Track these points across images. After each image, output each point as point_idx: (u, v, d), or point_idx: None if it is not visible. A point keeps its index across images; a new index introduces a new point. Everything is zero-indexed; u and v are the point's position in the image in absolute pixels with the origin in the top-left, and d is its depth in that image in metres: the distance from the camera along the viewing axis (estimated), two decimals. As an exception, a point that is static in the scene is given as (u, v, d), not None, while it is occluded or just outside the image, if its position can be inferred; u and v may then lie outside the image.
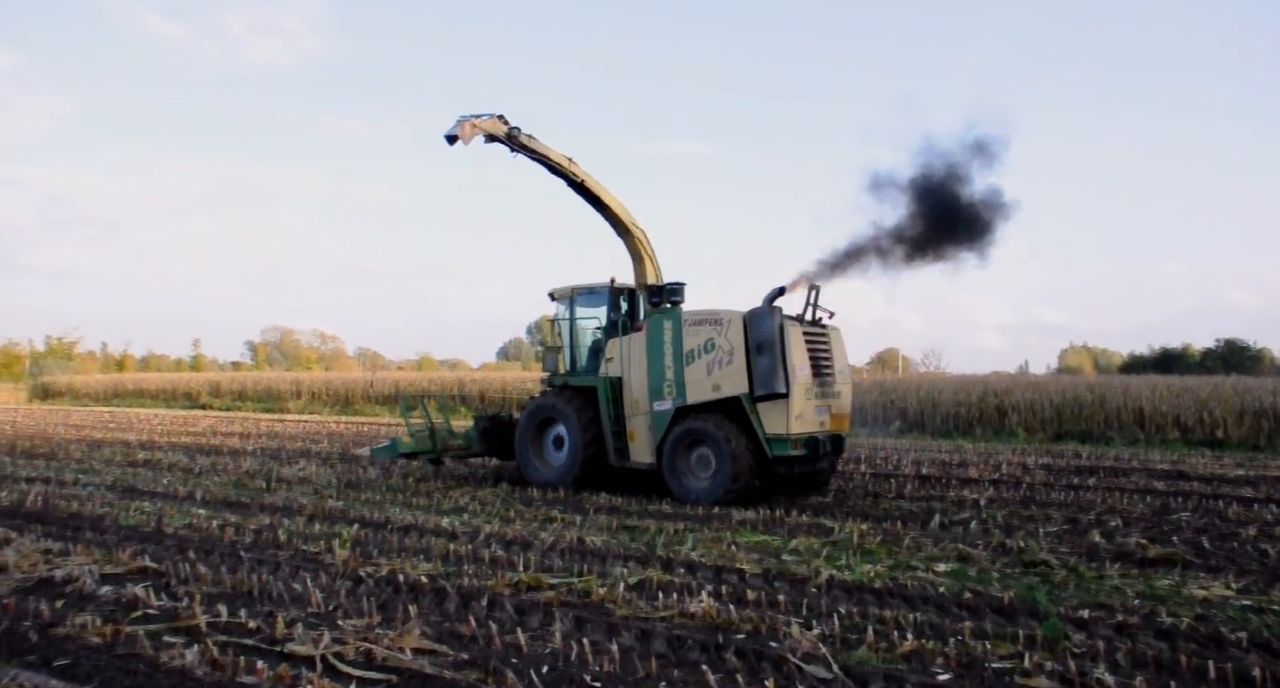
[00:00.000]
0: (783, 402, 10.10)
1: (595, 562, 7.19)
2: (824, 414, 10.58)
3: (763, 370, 10.10)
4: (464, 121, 10.96)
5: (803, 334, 10.38)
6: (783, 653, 4.83)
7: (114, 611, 5.66)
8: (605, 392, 11.40)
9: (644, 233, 12.15)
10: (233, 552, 7.43)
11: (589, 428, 11.45)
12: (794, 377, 10.08)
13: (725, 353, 10.46)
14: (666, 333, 10.95)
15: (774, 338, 10.09)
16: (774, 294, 10.62)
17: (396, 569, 6.66)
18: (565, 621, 5.52)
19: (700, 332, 10.71)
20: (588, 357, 12.29)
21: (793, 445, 10.15)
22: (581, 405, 11.56)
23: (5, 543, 7.65)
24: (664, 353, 10.95)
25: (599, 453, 11.47)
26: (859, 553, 7.63)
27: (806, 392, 10.25)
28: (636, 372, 11.25)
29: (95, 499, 10.26)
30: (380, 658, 4.77)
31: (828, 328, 10.95)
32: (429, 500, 10.50)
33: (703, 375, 10.62)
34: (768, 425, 10.24)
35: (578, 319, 12.47)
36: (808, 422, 10.31)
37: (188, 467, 13.79)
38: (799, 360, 10.19)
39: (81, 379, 49.58)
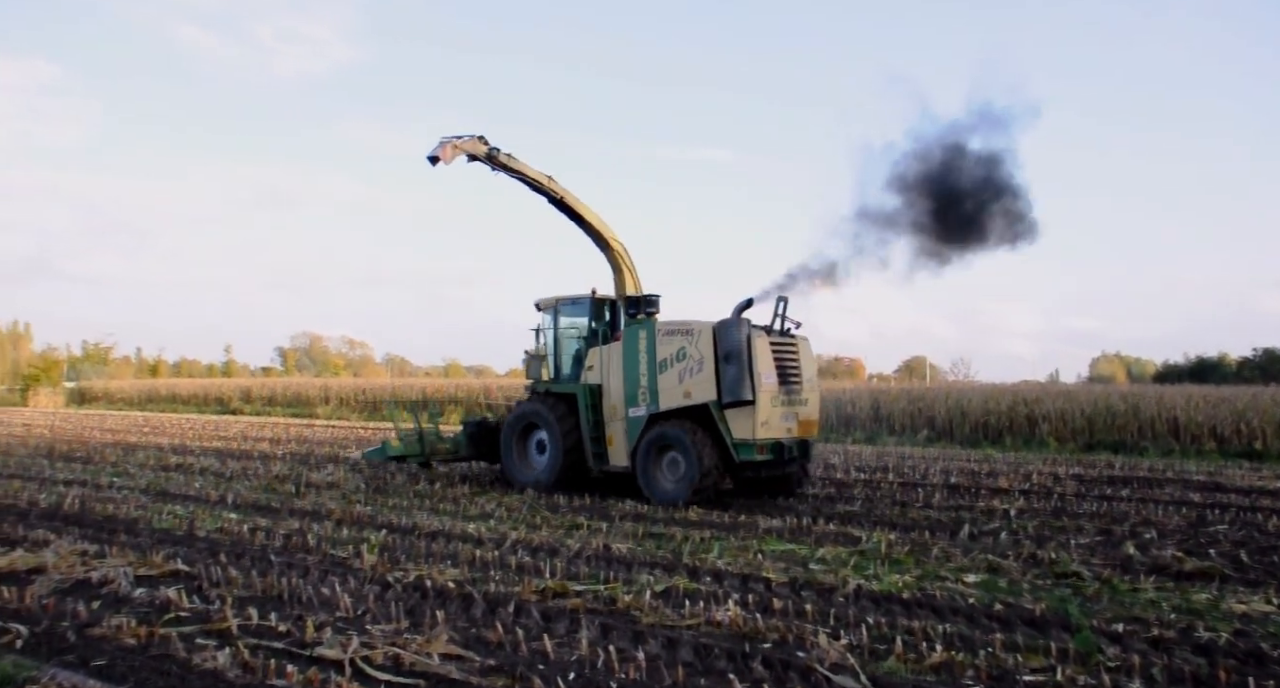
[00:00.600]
0: (749, 408, 10.48)
1: (621, 569, 7.19)
2: (791, 421, 10.91)
3: (730, 379, 10.48)
4: (445, 143, 11.54)
5: (770, 344, 10.74)
6: (810, 663, 4.80)
7: (148, 612, 5.75)
8: (585, 398, 11.82)
9: (623, 246, 12.53)
10: (263, 556, 7.51)
11: (569, 433, 11.85)
12: (760, 385, 10.46)
13: (695, 362, 10.86)
14: (642, 342, 11.35)
15: (741, 348, 10.47)
16: (742, 306, 10.99)
17: (424, 575, 6.69)
18: (591, 628, 5.52)
19: (672, 341, 11.12)
20: (570, 365, 12.67)
21: (758, 451, 10.52)
22: (563, 412, 11.98)
23: (45, 545, 7.80)
24: (639, 361, 11.36)
25: (578, 457, 11.86)
26: (887, 563, 7.56)
27: (773, 399, 10.60)
28: (614, 379, 11.65)
29: (130, 502, 10.42)
30: (408, 663, 4.80)
31: (796, 338, 11.26)
32: (456, 506, 10.56)
33: (675, 383, 11.03)
34: (735, 431, 10.62)
35: (561, 329, 12.89)
36: (774, 428, 10.66)
37: (219, 471, 13.98)
38: (765, 369, 10.56)
39: (117, 384, 50.47)
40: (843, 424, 26.61)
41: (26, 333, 70.75)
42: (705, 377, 10.75)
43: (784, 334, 11.14)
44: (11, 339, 69.74)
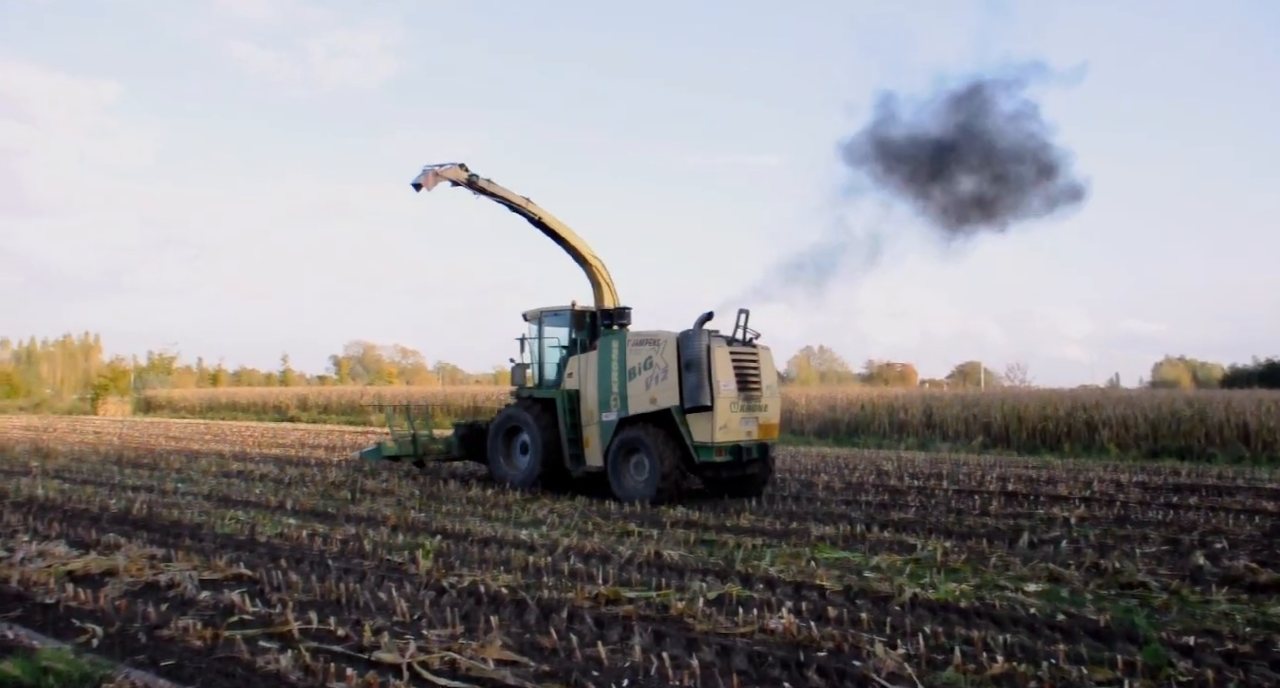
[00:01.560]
0: (709, 413, 11.20)
1: (673, 576, 7.18)
2: (751, 425, 11.65)
3: (691, 385, 11.20)
4: (428, 171, 12.62)
5: (729, 353, 11.44)
6: (866, 672, 4.73)
7: (213, 615, 5.90)
8: (564, 403, 12.65)
9: (601, 262, 13.47)
10: (321, 561, 7.66)
11: (549, 436, 12.68)
12: (719, 391, 11.17)
13: (661, 370, 11.60)
14: (614, 352, 12.12)
15: (701, 357, 11.16)
16: (703, 318, 11.60)
17: (478, 581, 6.76)
18: (644, 635, 5.52)
19: (641, 351, 11.87)
20: (552, 372, 13.51)
21: (717, 453, 11.29)
22: (543, 416, 12.82)
23: (116, 548, 8.06)
24: (612, 369, 12.13)
25: (557, 458, 12.68)
26: (943, 571, 7.43)
27: (732, 405, 11.31)
28: (590, 386, 12.45)
29: (194, 508, 10.72)
30: (464, 668, 4.85)
31: (757, 348, 11.97)
32: (508, 513, 10.65)
33: (642, 389, 11.76)
34: (695, 434, 11.38)
35: (545, 338, 13.73)
36: (733, 431, 11.40)
37: (278, 477, 14.30)
38: (724, 377, 11.25)
39: (180, 393, 52.02)
40: (895, 430, 26.24)
41: (96, 344, 73.40)
42: (669, 384, 11.46)
43: (746, 344, 11.85)
44: (83, 350, 72.39)
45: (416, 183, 12.74)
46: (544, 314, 13.64)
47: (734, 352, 11.54)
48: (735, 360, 11.48)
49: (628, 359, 11.95)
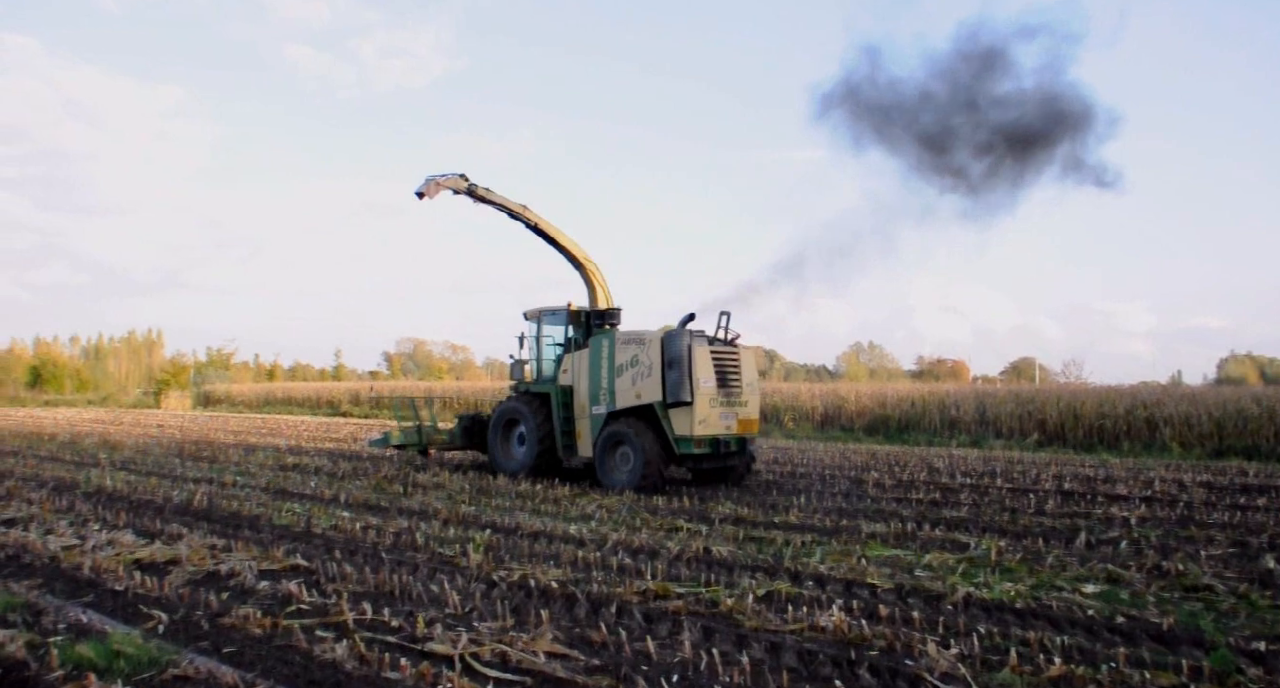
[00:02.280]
0: (688, 408, 11.84)
1: (722, 572, 7.17)
2: (730, 420, 12.28)
3: (672, 382, 11.86)
4: (431, 181, 13.54)
5: (710, 352, 12.08)
6: (919, 672, 4.67)
7: (272, 604, 6.05)
8: (558, 398, 13.39)
9: (595, 265, 14.27)
10: (375, 553, 7.80)
11: (544, 428, 13.43)
12: (698, 388, 11.81)
13: (646, 367, 12.25)
14: (604, 350, 12.80)
15: (683, 355, 11.79)
16: (685, 319, 12.38)
17: (528, 574, 6.82)
18: (694, 630, 5.52)
19: (628, 349, 12.52)
20: (549, 368, 14.28)
21: (696, 445, 11.91)
22: (539, 409, 13.60)
23: (178, 538, 8.31)
24: (601, 366, 12.82)
25: (551, 449, 13.41)
26: (997, 570, 7.30)
27: (711, 401, 11.95)
28: (582, 382, 13.15)
29: (252, 500, 10.99)
30: (515, 660, 4.90)
31: (738, 347, 12.64)
32: (557, 508, 10.73)
33: (629, 385, 12.44)
34: (676, 428, 12.01)
35: (543, 337, 14.48)
36: (712, 425, 12.01)
37: (332, 471, 14.60)
38: (704, 374, 11.90)
39: (237, 388, 53.35)
40: (946, 428, 25.82)
41: (159, 340, 75.64)
42: (653, 380, 12.12)
43: (727, 343, 12.54)
44: (146, 346, 74.66)
45: (419, 191, 13.60)
46: (542, 314, 14.43)
47: (714, 351, 12.19)
48: (715, 359, 12.14)
49: (616, 357, 12.64)
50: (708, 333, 12.51)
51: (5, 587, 6.33)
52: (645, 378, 12.25)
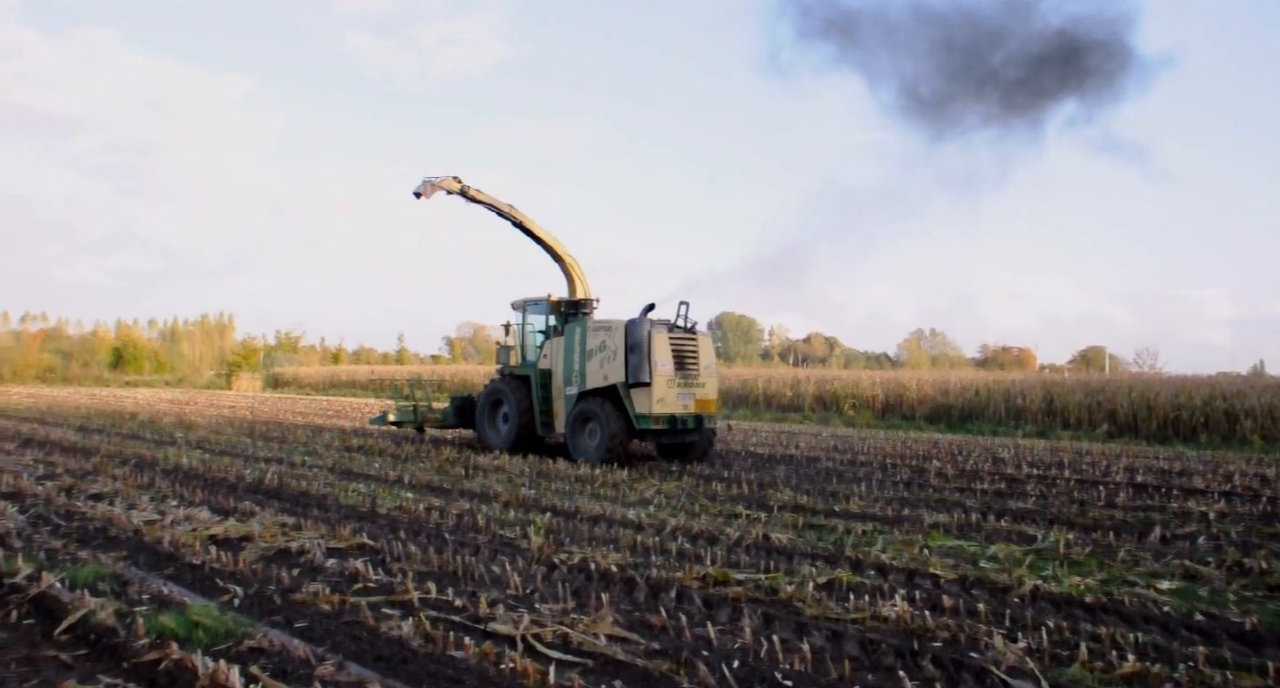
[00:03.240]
0: (647, 389, 13.06)
1: (782, 559, 7.13)
2: (688, 399, 13.48)
3: (633, 365, 13.10)
4: (427, 182, 14.79)
5: (669, 339, 13.30)
6: (985, 664, 4.58)
7: (339, 582, 6.21)
8: (537, 380, 14.74)
9: (574, 259, 15.54)
10: (438, 534, 7.95)
11: (524, 407, 14.82)
12: (656, 370, 13.03)
13: (611, 352, 13.47)
14: (577, 336, 14.11)
15: (643, 341, 13.03)
16: (646, 309, 13.58)
17: (587, 558, 6.88)
18: (754, 617, 5.50)
19: (597, 335, 13.80)
20: (531, 353, 15.62)
21: (654, 422, 13.12)
22: (521, 390, 14.98)
23: (251, 515, 8.59)
24: (574, 351, 14.10)
25: (531, 426, 14.79)
26: (1066, 564, 7.11)
27: (668, 382, 13.19)
28: (559, 365, 14.48)
29: (319, 480, 11.29)
30: (576, 642, 4.95)
31: (697, 334, 13.85)
32: (616, 492, 10.79)
33: (597, 368, 13.71)
34: (637, 406, 13.21)
35: (527, 325, 15.88)
36: (669, 404, 13.24)
37: (395, 453, 14.91)
38: (661, 358, 13.11)
39: (304, 371, 54.85)
40: (1011, 417, 25.22)
41: (230, 324, 78.11)
42: (617, 363, 13.35)
43: (687, 331, 13.69)
44: (218, 329, 77.20)
45: (417, 192, 14.82)
46: (526, 304, 15.77)
47: (673, 337, 13.38)
48: (674, 345, 13.34)
49: (587, 343, 13.91)
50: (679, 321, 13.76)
51: (95, 558, 6.62)
52: (611, 361, 13.50)
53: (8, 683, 4.31)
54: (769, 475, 12.66)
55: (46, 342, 67.72)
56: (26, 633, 5.03)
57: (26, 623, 5.19)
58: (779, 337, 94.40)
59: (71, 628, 4.94)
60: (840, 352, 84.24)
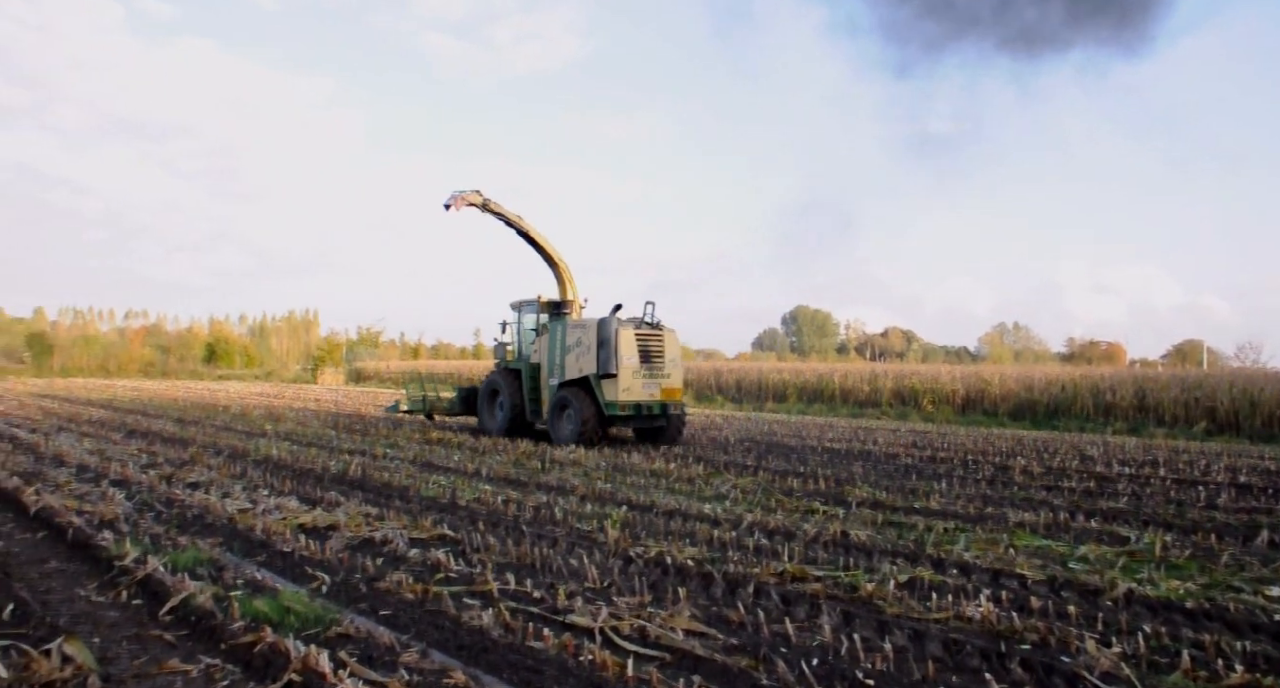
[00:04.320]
0: (614, 379, 14.74)
1: (860, 557, 7.01)
2: (653, 389, 15.16)
3: (602, 358, 14.84)
4: (455, 196, 16.28)
5: (634, 334, 14.95)
6: (1077, 669, 4.42)
7: (422, 571, 6.36)
8: (527, 372, 16.57)
9: (566, 264, 17.13)
10: (515, 526, 8.07)
11: (515, 397, 16.67)
12: (621, 363, 14.70)
13: (585, 347, 15.16)
14: (558, 334, 15.85)
15: (611, 337, 14.74)
16: (615, 308, 15.32)
17: (664, 552, 6.88)
18: (833, 614, 5.43)
19: (574, 332, 15.51)
20: (524, 349, 17.42)
21: (621, 408, 14.80)
22: (513, 382, 16.81)
23: (336, 505, 8.87)
24: (556, 347, 15.81)
25: (521, 413, 16.66)
26: (1163, 567, 6.80)
27: (634, 373, 14.85)
28: (545, 360, 16.22)
29: (400, 472, 11.58)
30: (654, 636, 4.95)
31: (663, 330, 15.48)
32: (691, 487, 10.78)
33: (574, 361, 15.37)
34: (605, 395, 14.93)
35: (522, 323, 17.69)
36: (635, 393, 14.91)
37: (473, 446, 15.19)
38: (627, 352, 14.77)
39: (385, 365, 56.34)
40: (1100, 414, 24.28)
41: (315, 319, 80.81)
42: (590, 357, 15.04)
43: (653, 327, 15.34)
44: (304, 325, 79.96)
45: (446, 204, 16.25)
46: (522, 304, 17.60)
47: (639, 333, 15.01)
48: (639, 340, 14.96)
49: (566, 339, 15.59)
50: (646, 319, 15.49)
51: (194, 543, 6.93)
52: (585, 355, 15.14)
53: (120, 659, 4.55)
54: (846, 471, 12.47)
55: (147, 337, 71.27)
56: (135, 613, 5.31)
57: (135, 603, 5.47)
58: (855, 331, 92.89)
59: (174, 610, 5.18)
60: (918, 346, 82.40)
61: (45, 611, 5.23)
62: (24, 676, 4.09)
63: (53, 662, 4.21)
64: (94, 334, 71.39)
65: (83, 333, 71.32)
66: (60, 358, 61.92)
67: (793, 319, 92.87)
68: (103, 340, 69.20)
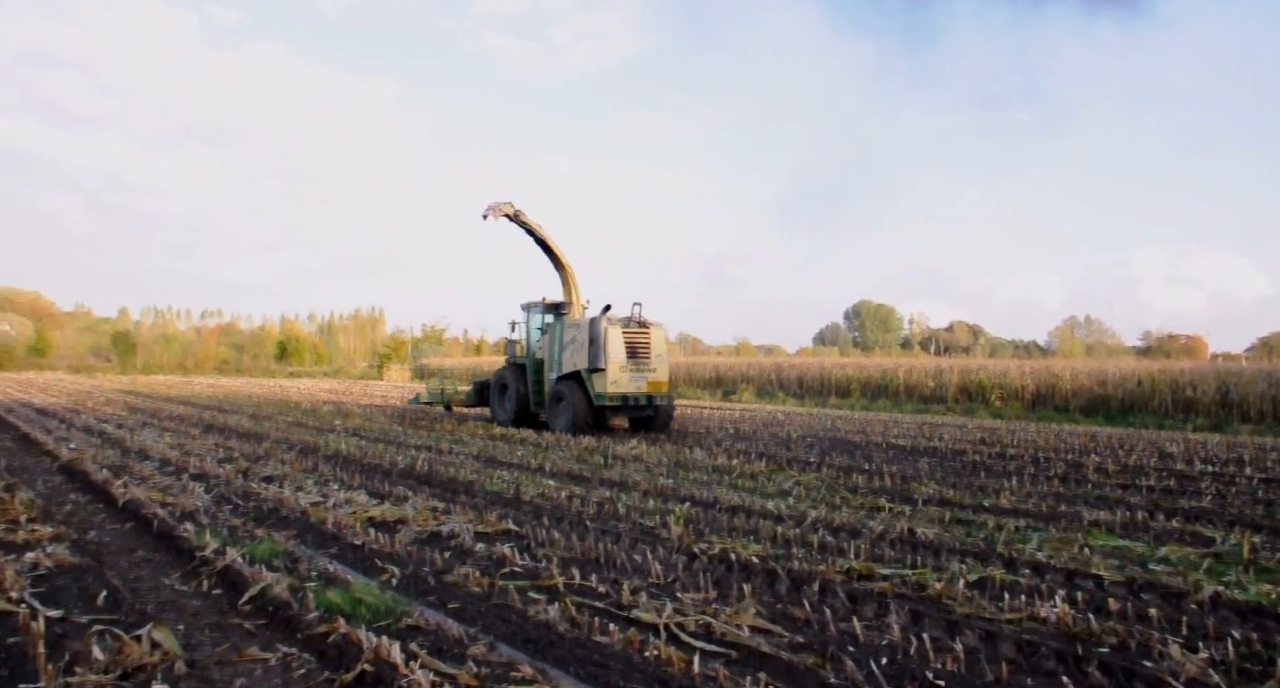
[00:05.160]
0: (602, 373, 16.19)
1: (928, 555, 6.88)
2: (640, 382, 16.53)
3: (593, 354, 16.29)
4: (492, 207, 17.47)
5: (622, 332, 16.37)
6: (1160, 674, 4.26)
7: (488, 565, 6.45)
8: (532, 368, 18.26)
9: (572, 269, 18.43)
10: (579, 521, 8.12)
11: (522, 389, 18.34)
12: (609, 358, 16.13)
13: (579, 344, 16.64)
14: (557, 332, 17.46)
15: (600, 335, 16.20)
16: (605, 309, 16.87)
17: (728, 548, 6.84)
18: (901, 613, 5.34)
19: (570, 331, 17.01)
20: (534, 346, 18.75)
21: (609, 400, 16.19)
22: (521, 376, 18.50)
23: (404, 500, 9.05)
24: (555, 344, 17.40)
25: (526, 404, 18.29)
26: (1252, 569, 6.52)
27: (620, 368, 16.25)
28: (548, 356, 17.75)
29: (466, 467, 11.76)
30: (719, 632, 4.94)
31: (649, 328, 16.83)
32: (754, 483, 10.71)
33: (570, 357, 16.89)
34: (595, 387, 16.38)
35: (530, 323, 19.12)
36: (622, 386, 16.30)
37: (536, 441, 15.35)
38: (614, 349, 16.20)
39: (449, 361, 57.28)
40: (1180, 410, 23.39)
41: (380, 317, 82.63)
42: (583, 353, 16.49)
43: (640, 325, 16.72)
44: (370, 323, 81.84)
45: (484, 214, 17.54)
46: (530, 306, 19.08)
47: (626, 331, 16.42)
48: (627, 337, 16.38)
49: (564, 337, 17.14)
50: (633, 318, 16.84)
51: (269, 536, 7.15)
52: (579, 352, 16.58)
53: (204, 646, 4.72)
54: (911, 468, 12.25)
55: (222, 336, 73.80)
56: (216, 602, 5.50)
57: (215, 593, 5.67)
58: (919, 325, 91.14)
59: (252, 599, 5.35)
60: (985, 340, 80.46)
61: (135, 598, 5.46)
62: (117, 659, 4.27)
63: (143, 646, 4.40)
64: (173, 333, 74.25)
65: (163, 332, 74.23)
66: (142, 356, 64.59)
67: (855, 314, 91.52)
68: (181, 339, 71.95)
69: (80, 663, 4.24)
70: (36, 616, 4.84)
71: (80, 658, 4.30)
